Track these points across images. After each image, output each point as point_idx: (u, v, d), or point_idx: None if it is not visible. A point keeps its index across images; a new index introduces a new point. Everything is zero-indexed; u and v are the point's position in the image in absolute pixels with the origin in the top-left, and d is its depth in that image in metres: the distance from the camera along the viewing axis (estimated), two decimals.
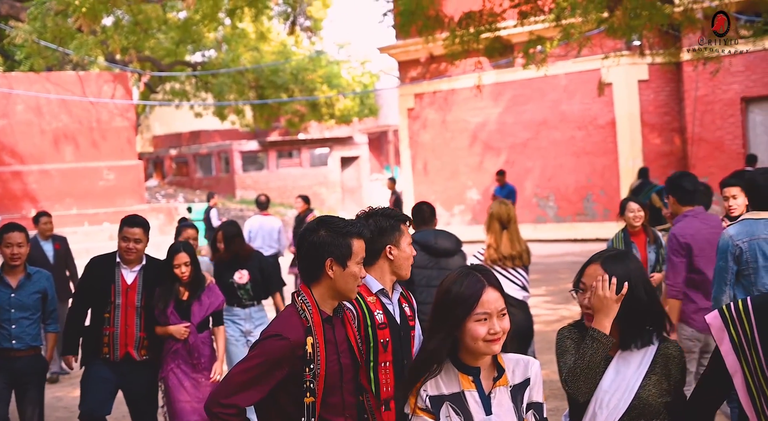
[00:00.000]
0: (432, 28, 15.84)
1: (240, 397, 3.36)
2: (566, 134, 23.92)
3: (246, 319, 7.98)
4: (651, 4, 13.20)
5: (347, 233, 3.53)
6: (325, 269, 3.50)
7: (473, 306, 3.02)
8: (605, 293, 3.28)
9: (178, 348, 6.53)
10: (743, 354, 3.16)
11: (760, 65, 20.90)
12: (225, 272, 7.88)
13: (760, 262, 5.57)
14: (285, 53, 33.58)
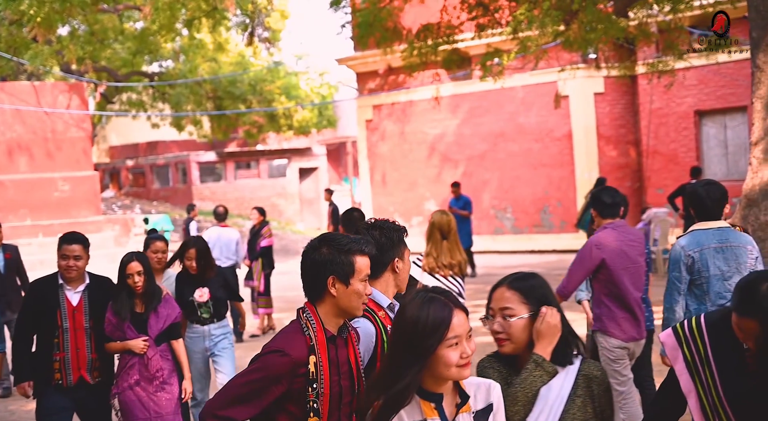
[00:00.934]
0: (390, 40, 15.90)
1: (235, 410, 3.31)
2: (523, 146, 24.09)
3: (205, 337, 7.74)
4: (606, 17, 13.36)
5: (349, 251, 3.45)
6: (327, 287, 3.43)
7: (445, 332, 2.87)
8: (554, 321, 3.19)
9: (135, 363, 6.36)
10: (697, 373, 3.18)
11: (713, 79, 21.21)
12: (186, 288, 7.67)
13: (712, 270, 5.72)
14: (243, 64, 33.49)
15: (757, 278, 3.07)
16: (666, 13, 15.10)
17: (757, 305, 2.97)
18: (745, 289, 3.05)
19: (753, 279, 3.07)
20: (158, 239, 7.77)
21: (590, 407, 3.23)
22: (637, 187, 23.04)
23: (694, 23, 19.04)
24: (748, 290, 3.03)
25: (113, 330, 6.32)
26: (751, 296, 3.00)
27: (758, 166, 10.96)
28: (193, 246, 7.67)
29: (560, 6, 12.99)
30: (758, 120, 11.03)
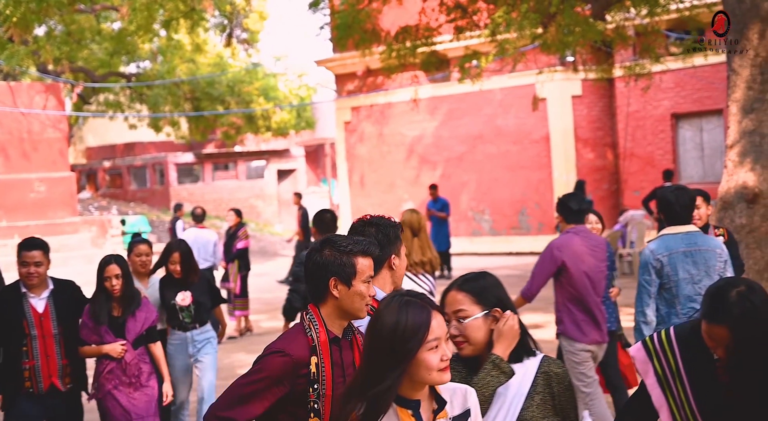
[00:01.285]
0: (369, 42, 15.89)
1: (238, 411, 3.31)
2: (501, 148, 24.15)
3: (188, 342, 7.59)
4: (584, 20, 13.42)
5: (351, 252, 3.44)
6: (329, 288, 3.42)
7: (425, 335, 2.79)
8: (515, 324, 3.21)
9: (113, 367, 6.28)
10: (668, 387, 3.15)
11: (690, 82, 21.35)
12: (168, 292, 7.55)
13: (681, 274, 5.82)
14: (221, 65, 33.40)
15: (726, 284, 3.06)
16: (643, 16, 15.19)
17: (726, 312, 2.96)
18: (715, 296, 3.03)
19: (722, 286, 3.06)
20: (142, 243, 7.65)
21: (550, 404, 3.21)
22: (614, 190, 23.15)
23: (670, 26, 19.16)
24: (717, 296, 3.02)
25: (89, 334, 6.25)
26: (721, 302, 2.99)
27: (734, 169, 11.04)
28: (177, 250, 7.54)
29: (538, 9, 13.04)
30: (734, 123, 11.11)
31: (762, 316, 2.95)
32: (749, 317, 2.94)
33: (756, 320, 2.95)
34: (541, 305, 14.30)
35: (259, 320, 14.58)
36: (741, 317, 2.95)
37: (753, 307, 2.95)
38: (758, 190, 10.81)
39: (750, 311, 2.95)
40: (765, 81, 10.87)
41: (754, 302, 2.96)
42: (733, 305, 2.96)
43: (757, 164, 10.87)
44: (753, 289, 3.02)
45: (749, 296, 2.97)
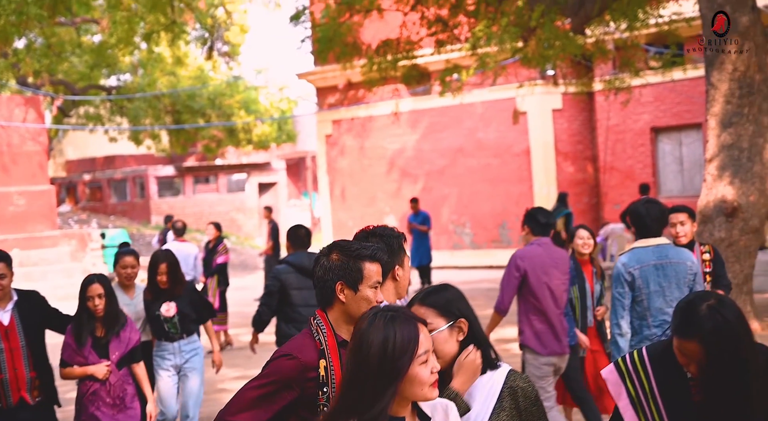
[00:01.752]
0: (350, 55, 15.92)
1: (246, 415, 3.29)
2: (482, 162, 24.20)
3: (175, 353, 7.48)
4: (564, 34, 13.49)
5: (358, 256, 3.42)
6: (336, 292, 3.41)
7: (416, 350, 2.68)
8: (477, 359, 3.14)
9: (97, 389, 6.15)
10: (642, 409, 3.07)
11: (669, 96, 21.48)
12: (152, 304, 7.44)
13: (652, 287, 5.90)
14: (202, 78, 33.36)
15: (696, 298, 2.99)
16: (622, 30, 15.29)
17: (697, 326, 2.90)
18: (685, 310, 2.96)
19: (692, 300, 2.98)
20: (128, 254, 7.50)
21: (517, 419, 3.14)
22: (595, 203, 23.23)
23: (649, 41, 19.28)
24: (687, 311, 2.95)
25: (73, 355, 6.14)
26: (691, 317, 2.92)
27: (712, 183, 11.11)
28: (163, 260, 7.43)
29: (518, 23, 13.11)
30: (712, 137, 11.19)
31: (733, 329, 2.89)
32: (720, 331, 2.88)
33: (727, 333, 2.88)
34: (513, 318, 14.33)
35: (239, 333, 14.51)
36: (712, 332, 2.88)
37: (724, 320, 2.88)
38: (737, 204, 10.88)
39: (721, 324, 2.88)
40: (743, 95, 10.96)
41: (725, 315, 2.89)
42: (703, 319, 2.89)
43: (735, 178, 10.95)
44: (723, 302, 2.95)
45: (720, 309, 2.91)
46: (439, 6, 14.47)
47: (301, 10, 16.33)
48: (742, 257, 11.00)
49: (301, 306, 7.45)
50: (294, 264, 7.52)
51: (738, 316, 2.91)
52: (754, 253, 11.37)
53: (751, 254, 11.15)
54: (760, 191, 10.94)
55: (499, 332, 12.61)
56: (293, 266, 7.52)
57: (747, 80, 10.91)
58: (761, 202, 10.97)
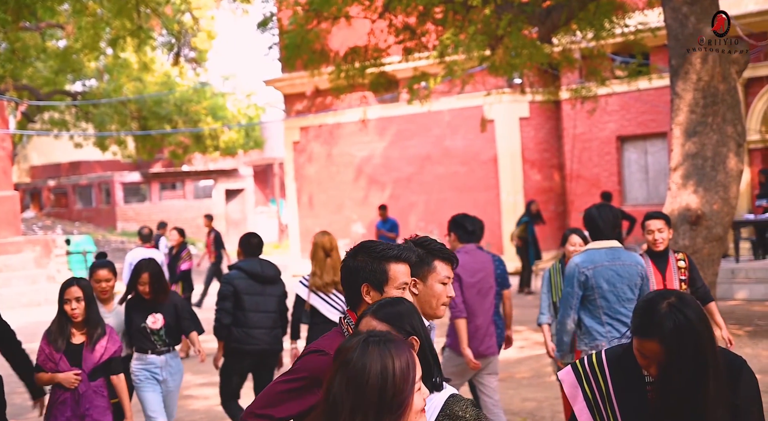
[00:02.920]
0: (317, 62, 15.90)
1: (276, 409, 3.25)
2: (450, 169, 24.25)
3: (162, 367, 7.17)
4: (531, 43, 13.56)
5: (383, 257, 3.35)
6: (362, 295, 3.36)
7: (414, 378, 2.44)
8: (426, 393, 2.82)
9: (66, 398, 5.93)
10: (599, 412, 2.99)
11: (635, 105, 21.65)
12: (137, 315, 7.12)
13: (605, 287, 6.11)
14: (169, 84, 33.18)
15: (656, 296, 2.89)
16: (589, 39, 15.40)
17: (657, 325, 2.80)
18: (645, 309, 2.87)
19: (652, 298, 2.89)
20: (103, 267, 7.11)
21: None
22: (561, 211, 23.35)
23: (616, 50, 19.43)
24: (647, 309, 2.85)
25: (45, 360, 5.95)
26: (652, 315, 2.83)
27: (677, 191, 11.20)
28: (146, 270, 7.14)
29: (486, 31, 13.15)
30: (677, 146, 11.29)
31: (694, 328, 2.79)
32: (681, 330, 2.79)
33: (688, 333, 2.79)
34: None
35: (205, 340, 14.42)
36: (673, 330, 2.79)
37: (685, 319, 2.80)
38: (701, 213, 10.98)
39: (682, 323, 2.79)
40: (707, 105, 11.07)
41: (686, 313, 2.80)
42: (664, 318, 2.80)
43: (699, 187, 11.05)
44: (684, 300, 2.86)
45: (681, 307, 2.82)
46: (407, 14, 14.48)
47: (268, 17, 16.29)
48: (705, 264, 11.09)
49: (252, 311, 7.65)
50: (246, 270, 7.73)
51: (699, 314, 2.83)
52: (718, 261, 11.48)
53: (714, 261, 11.25)
54: (723, 200, 11.04)
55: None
56: (245, 271, 7.72)
57: (711, 90, 11.02)
58: (725, 210, 11.07)
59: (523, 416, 8.63)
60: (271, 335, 7.86)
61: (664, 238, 6.86)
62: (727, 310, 13.34)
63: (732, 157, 11.08)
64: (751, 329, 12.34)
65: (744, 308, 14.14)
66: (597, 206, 6.35)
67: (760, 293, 15.13)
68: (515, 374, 10.57)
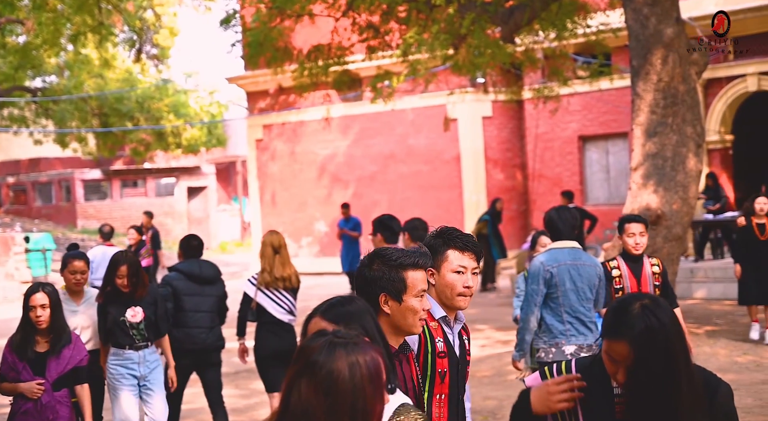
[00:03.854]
0: (280, 60, 15.84)
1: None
2: (413, 168, 24.28)
3: (140, 363, 6.98)
4: (494, 43, 13.61)
5: (400, 265, 3.27)
6: (380, 305, 3.27)
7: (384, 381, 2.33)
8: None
9: (29, 408, 5.74)
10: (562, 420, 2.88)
11: (596, 105, 21.80)
12: (115, 308, 6.92)
13: (567, 285, 6.30)
14: (130, 81, 32.90)
15: (629, 297, 2.81)
16: (551, 40, 15.49)
17: (627, 326, 2.70)
18: (617, 310, 2.77)
19: (625, 299, 2.80)
20: (78, 258, 7.01)
21: None
22: (523, 210, 23.47)
23: (578, 50, 19.55)
24: (619, 310, 2.76)
25: (8, 369, 5.79)
26: (623, 316, 2.73)
27: (637, 191, 11.30)
28: (124, 263, 6.91)
29: (449, 30, 13.18)
30: (638, 146, 11.39)
31: (666, 332, 2.69)
32: (652, 332, 2.68)
33: (659, 336, 2.68)
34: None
35: None
36: (643, 332, 2.69)
37: (658, 322, 2.70)
38: (661, 212, 11.08)
39: (653, 326, 2.69)
40: (668, 105, 11.17)
41: (659, 317, 2.71)
42: (635, 319, 2.70)
43: (659, 187, 11.15)
44: (658, 303, 2.76)
45: (654, 310, 2.72)
46: (371, 12, 14.47)
47: (231, 14, 16.19)
48: (665, 264, 11.20)
49: (192, 311, 7.73)
50: (184, 271, 7.81)
51: (672, 319, 2.74)
52: (677, 260, 11.60)
53: (674, 261, 11.36)
54: (683, 200, 11.16)
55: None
56: (183, 273, 7.80)
57: (671, 91, 11.12)
58: (684, 210, 11.19)
59: (484, 414, 8.67)
60: (211, 334, 7.90)
61: (644, 242, 6.87)
62: (686, 309, 13.48)
63: (691, 157, 11.20)
64: (710, 328, 12.48)
65: (702, 307, 14.30)
66: (557, 208, 6.59)
67: (718, 292, 15.30)
68: (476, 373, 10.61)
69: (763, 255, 11.55)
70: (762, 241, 11.55)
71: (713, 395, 2.83)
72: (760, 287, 11.47)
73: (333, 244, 23.60)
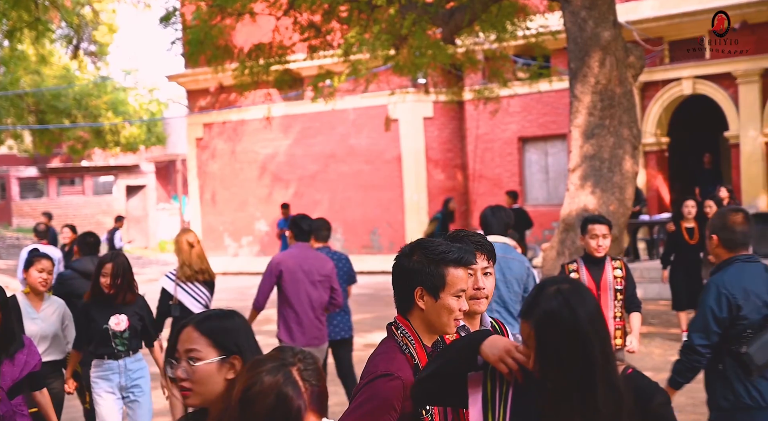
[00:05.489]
0: (221, 59, 15.72)
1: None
2: (354, 168, 24.29)
3: (120, 372, 6.64)
4: (435, 44, 13.67)
5: (441, 260, 3.07)
6: (415, 298, 3.09)
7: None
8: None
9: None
10: (492, 410, 2.78)
11: (536, 107, 22.02)
12: (98, 314, 6.54)
13: (497, 276, 6.33)
14: (68, 78, 32.43)
15: (552, 280, 2.65)
16: (491, 41, 15.60)
17: (534, 306, 2.56)
18: (534, 290, 2.62)
19: (547, 280, 2.65)
20: (45, 257, 6.65)
21: None
22: (464, 210, 23.61)
23: (517, 52, 19.74)
24: (536, 289, 2.61)
25: None
26: (536, 297, 2.58)
27: (575, 192, 11.44)
28: (110, 260, 6.48)
29: (390, 31, 13.21)
30: (575, 148, 11.53)
31: (574, 320, 2.50)
32: (554, 316, 2.50)
33: (564, 321, 2.50)
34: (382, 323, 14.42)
35: None
36: (546, 313, 2.52)
37: (567, 307, 2.50)
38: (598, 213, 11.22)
39: (557, 309, 2.51)
40: (605, 107, 11.33)
41: (570, 302, 2.51)
42: (543, 300, 2.53)
43: (597, 188, 11.30)
44: (578, 291, 2.57)
45: (568, 295, 2.53)
46: (312, 12, 14.44)
47: (171, 12, 16.03)
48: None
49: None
50: (79, 270, 7.86)
51: (588, 309, 2.52)
52: None
53: None
54: (619, 201, 11.32)
55: (367, 337, 12.65)
56: (78, 271, 7.84)
57: (608, 93, 11.27)
58: (620, 211, 11.35)
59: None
60: None
61: (607, 245, 6.62)
62: None
63: (628, 159, 11.36)
64: (645, 328, 12.67)
65: None
66: (491, 207, 6.77)
67: (653, 292, 15.57)
68: None
69: (692, 260, 11.71)
70: (691, 245, 11.73)
71: (647, 402, 2.72)
72: (689, 292, 11.44)
73: (273, 243, 23.53)
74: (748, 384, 4.95)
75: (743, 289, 4.96)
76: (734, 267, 5.04)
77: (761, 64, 18.25)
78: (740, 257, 5.08)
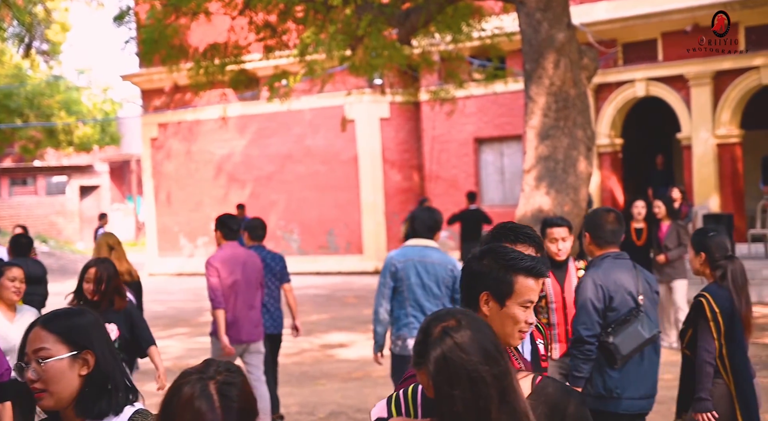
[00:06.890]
0: (176, 58, 15.60)
1: None
2: (310, 168, 24.25)
3: None
4: (391, 44, 13.68)
5: (511, 267, 2.97)
6: (479, 303, 2.99)
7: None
8: None
9: None
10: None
11: (491, 108, 22.13)
12: None
13: (412, 279, 6.73)
14: (20, 77, 32.02)
15: (435, 318, 2.48)
16: (447, 42, 15.65)
17: (423, 355, 2.42)
18: (420, 333, 2.46)
19: (431, 319, 2.48)
20: (16, 265, 6.25)
21: None
22: None
23: (473, 54, 19.82)
24: (422, 334, 2.45)
25: None
26: (424, 342, 2.42)
27: (530, 193, 11.50)
28: (94, 265, 6.19)
29: (346, 31, 13.20)
30: (530, 149, 11.59)
31: (465, 360, 2.36)
32: (447, 362, 2.37)
33: (457, 364, 2.36)
34: (348, 324, 14.42)
35: None
36: (438, 360, 2.37)
37: (456, 347, 2.37)
38: (553, 214, 11.30)
39: (448, 353, 2.37)
40: (559, 109, 11.41)
41: (458, 342, 2.37)
42: (432, 345, 2.39)
43: (551, 189, 11.38)
44: (465, 324, 2.42)
45: (454, 333, 2.39)
46: (268, 12, 14.38)
47: (125, 11, 15.88)
48: None
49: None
50: None
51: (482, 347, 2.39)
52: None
53: None
54: (573, 202, 11.40)
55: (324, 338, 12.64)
56: None
57: (563, 95, 11.35)
58: (575, 212, 11.43)
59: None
60: None
61: (567, 248, 6.27)
62: None
63: (582, 160, 11.45)
64: None
65: None
66: (420, 209, 7.15)
67: None
68: (372, 373, 10.65)
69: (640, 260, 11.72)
70: (639, 246, 11.82)
71: (563, 410, 2.68)
72: None
73: None
74: (605, 375, 5.41)
75: (614, 282, 5.45)
76: (606, 262, 5.56)
77: (713, 67, 18.50)
78: (611, 254, 5.59)
